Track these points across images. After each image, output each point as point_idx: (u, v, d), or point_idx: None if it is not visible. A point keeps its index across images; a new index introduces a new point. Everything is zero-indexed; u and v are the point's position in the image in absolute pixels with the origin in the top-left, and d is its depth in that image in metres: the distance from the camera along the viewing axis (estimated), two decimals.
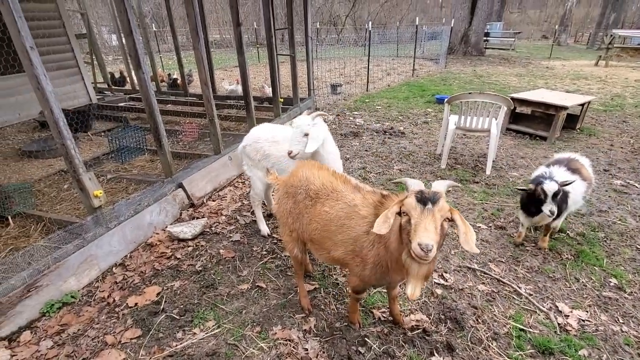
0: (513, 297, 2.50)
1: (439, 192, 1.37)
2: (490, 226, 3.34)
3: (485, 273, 2.73)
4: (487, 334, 2.21)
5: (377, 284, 1.97)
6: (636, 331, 2.25)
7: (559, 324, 2.28)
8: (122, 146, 4.54)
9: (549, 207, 2.56)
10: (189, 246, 3.08)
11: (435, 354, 2.06)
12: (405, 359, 2.03)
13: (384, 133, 5.96)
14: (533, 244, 3.06)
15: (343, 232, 1.84)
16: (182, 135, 5.08)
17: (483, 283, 2.64)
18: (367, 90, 9.32)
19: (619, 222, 3.40)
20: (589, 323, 2.30)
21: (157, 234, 3.21)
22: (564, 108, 5.23)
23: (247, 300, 2.47)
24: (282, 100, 5.89)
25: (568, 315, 2.34)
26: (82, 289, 2.60)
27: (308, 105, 6.89)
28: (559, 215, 2.76)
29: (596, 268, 2.78)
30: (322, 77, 9.89)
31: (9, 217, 3.13)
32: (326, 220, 1.89)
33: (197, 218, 3.45)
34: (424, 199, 1.33)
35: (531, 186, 2.69)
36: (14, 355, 2.08)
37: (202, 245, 3.08)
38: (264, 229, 3.19)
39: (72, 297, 2.50)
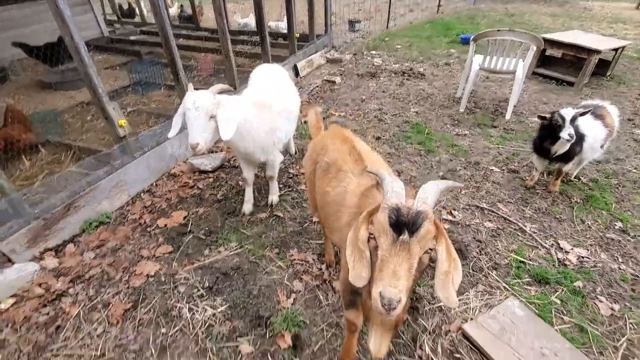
0: (517, 234, 2.62)
1: (424, 212, 0.95)
2: (504, 169, 3.37)
3: (492, 212, 2.84)
4: (488, 264, 2.37)
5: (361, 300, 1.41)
6: (633, 270, 2.37)
7: (558, 258, 2.42)
8: (141, 79, 4.54)
9: (567, 132, 2.52)
10: (209, 177, 3.23)
11: None
12: None
13: (402, 74, 5.75)
14: (544, 188, 3.11)
15: (336, 219, 1.56)
16: (197, 71, 5.01)
17: (490, 220, 2.76)
18: (387, 28, 8.75)
19: (635, 170, 3.38)
20: (588, 260, 2.44)
21: (179, 165, 3.36)
22: (597, 52, 4.88)
23: (265, 227, 2.67)
24: (297, 36, 5.63)
25: (568, 252, 2.47)
26: (115, 211, 2.83)
27: (324, 42, 6.58)
28: (571, 159, 2.76)
29: (603, 212, 2.85)
30: (340, 13, 9.26)
31: (40, 145, 3.30)
32: (327, 201, 1.65)
33: (216, 152, 3.56)
34: (398, 224, 0.94)
35: (548, 115, 2.67)
36: (61, 264, 2.36)
37: (222, 177, 3.24)
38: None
39: (107, 217, 2.73)
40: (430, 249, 0.99)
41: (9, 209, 2.33)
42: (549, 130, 2.67)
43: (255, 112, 2.22)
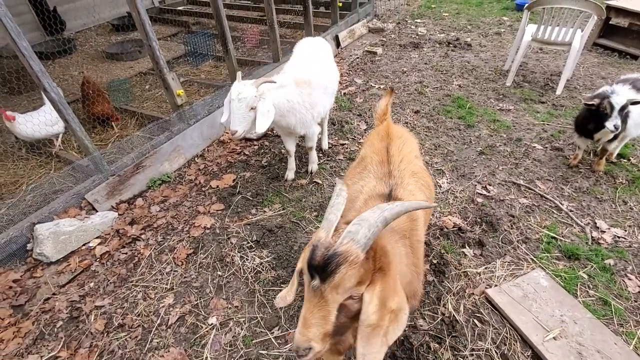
0: (552, 212, 2.65)
1: (343, 254, 0.82)
2: (547, 147, 3.30)
3: (529, 189, 2.85)
4: (518, 237, 2.45)
5: None
6: None
7: (592, 237, 2.44)
8: (194, 50, 4.83)
9: (613, 122, 2.42)
10: (255, 145, 3.50)
11: (467, 246, 2.39)
12: (439, 247, 2.39)
13: (447, 45, 5.54)
14: (588, 167, 3.04)
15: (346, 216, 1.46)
16: (242, 42, 5.19)
17: (525, 197, 2.79)
18: None
19: None
20: (624, 240, 2.44)
21: (227, 133, 3.65)
22: None
23: (305, 192, 2.91)
24: (340, 4, 5.56)
25: (604, 231, 2.48)
26: (174, 172, 3.20)
27: (367, 11, 6.44)
28: (616, 137, 2.66)
29: None
30: None
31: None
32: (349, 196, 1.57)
33: None
34: (312, 267, 0.85)
35: (596, 100, 2.51)
36: (134, 214, 2.77)
37: (266, 145, 3.49)
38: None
39: (168, 177, 3.11)
40: (355, 297, 0.85)
41: (92, 166, 2.75)
42: (595, 115, 2.54)
43: (297, 91, 2.36)
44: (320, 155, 3.31)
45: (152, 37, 2.83)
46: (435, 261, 2.30)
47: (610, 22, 5.19)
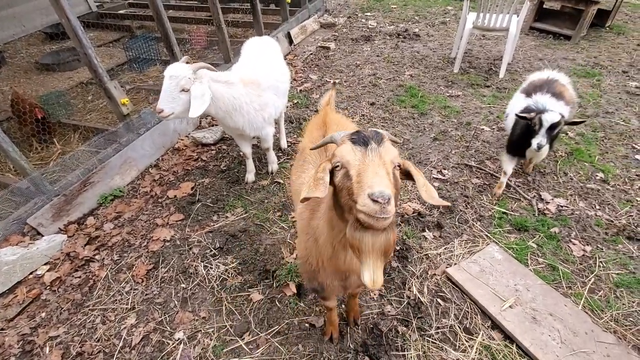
0: (504, 192, 2.81)
1: (382, 132, 1.00)
2: (494, 128, 3.50)
3: (480, 169, 3.01)
4: (473, 216, 2.58)
5: (313, 286, 1.47)
6: (609, 216, 2.57)
7: (538, 208, 2.62)
8: (137, 56, 4.58)
9: (537, 141, 2.26)
10: (212, 150, 3.40)
11: (427, 230, 2.48)
12: (401, 234, 2.46)
13: (397, 36, 5.69)
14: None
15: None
16: (190, 44, 5.01)
17: (477, 177, 2.94)
18: None
19: (622, 123, 3.49)
20: (566, 208, 2.64)
21: (182, 140, 3.52)
22: (595, 2, 4.79)
23: (267, 193, 2.87)
24: (289, 1, 5.53)
25: (549, 202, 2.67)
26: (127, 186, 3.03)
27: (317, 6, 6.44)
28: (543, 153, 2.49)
29: (586, 164, 3.01)
30: None
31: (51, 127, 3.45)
32: (293, 189, 1.62)
33: (216, 125, 3.70)
34: (363, 139, 0.95)
35: (527, 115, 2.32)
36: (85, 234, 2.60)
37: (223, 149, 3.41)
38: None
39: (120, 191, 2.94)
40: (399, 166, 0.99)
41: (32, 187, 2.55)
42: (526, 129, 2.36)
43: (244, 90, 2.30)
44: (280, 154, 3.28)
45: (87, 44, 2.66)
46: (398, 247, 2.37)
47: (543, 6, 5.58)
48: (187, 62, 2.18)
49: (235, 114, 2.34)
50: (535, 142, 2.27)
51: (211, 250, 2.42)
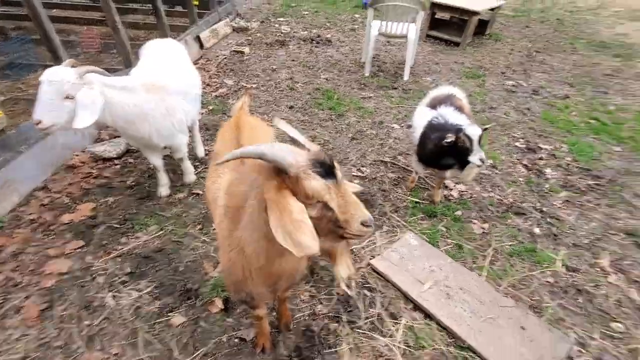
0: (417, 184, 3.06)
1: (330, 154, 1.02)
2: (402, 126, 3.80)
3: (394, 164, 3.24)
4: (390, 208, 2.76)
5: (241, 297, 1.41)
6: (499, 196, 2.98)
7: (444, 195, 2.92)
8: (12, 61, 3.88)
9: (478, 156, 2.19)
10: (116, 164, 3.04)
11: None
12: None
13: (311, 41, 5.83)
14: None
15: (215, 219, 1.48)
16: (81, 47, 4.43)
17: (392, 172, 3.16)
18: None
19: (504, 116, 4.10)
20: (466, 193, 2.99)
21: (77, 155, 3.08)
22: (476, 13, 5.56)
23: (185, 206, 2.67)
24: (196, 3, 5.27)
25: (452, 189, 2.99)
26: (7, 214, 2.53)
27: (228, 10, 6.27)
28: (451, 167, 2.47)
29: None
30: None
31: None
32: (209, 197, 1.59)
33: (118, 137, 3.32)
34: (328, 170, 0.95)
35: (450, 135, 2.24)
36: None
37: (130, 163, 3.08)
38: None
39: (0, 222, 2.45)
40: None
41: None
42: (452, 150, 2.29)
43: (147, 97, 2.10)
44: (198, 164, 3.09)
45: None
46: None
47: (436, 16, 6.28)
48: (73, 66, 1.91)
49: (139, 122, 2.12)
50: (476, 157, 2.20)
51: (120, 277, 2.15)
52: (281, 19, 6.80)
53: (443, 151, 2.35)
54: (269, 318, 1.95)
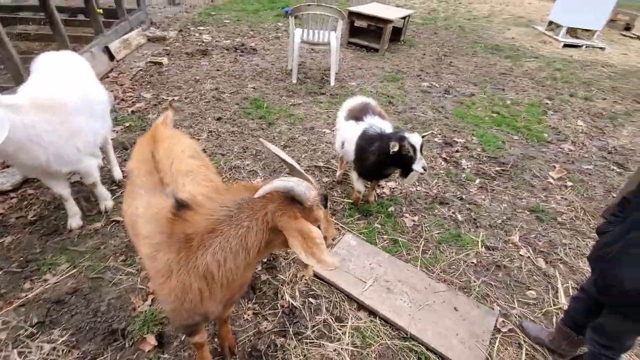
0: (348, 182, 3.15)
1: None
2: (333, 130, 3.89)
3: (328, 168, 3.30)
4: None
5: (194, 321, 1.32)
6: (425, 189, 3.20)
7: (377, 194, 3.05)
8: None
9: (421, 164, 2.25)
10: (11, 198, 2.60)
11: None
12: None
13: (235, 50, 5.71)
14: None
15: (137, 247, 1.36)
16: None
17: (327, 176, 3.21)
18: (212, 1, 8.37)
19: (422, 115, 4.45)
20: (396, 189, 3.16)
21: None
22: (390, 21, 5.98)
23: (103, 236, 2.39)
24: (101, 12, 4.81)
25: (383, 187, 3.14)
26: None
27: (140, 18, 5.85)
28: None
29: None
30: None
31: None
32: (126, 221, 1.46)
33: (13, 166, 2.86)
34: (326, 202, 1.22)
35: (395, 144, 2.22)
36: None
37: (30, 194, 2.65)
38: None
39: None
40: None
41: None
42: (396, 159, 2.31)
43: (41, 117, 1.83)
44: (115, 187, 2.79)
45: None
46: (265, 260, 2.34)
47: (355, 25, 6.60)
48: None
49: (33, 147, 1.83)
50: (419, 165, 2.26)
51: (26, 330, 1.83)
52: (201, 28, 6.55)
53: (386, 161, 2.36)
54: (210, 346, 1.82)
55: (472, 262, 2.52)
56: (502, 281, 2.41)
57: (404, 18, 6.71)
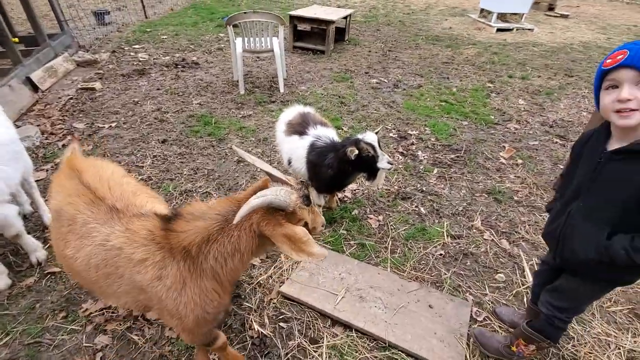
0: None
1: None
2: None
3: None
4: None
5: (217, 321, 1.45)
6: (386, 187, 3.17)
7: (339, 198, 2.97)
8: None
9: (386, 159, 2.19)
10: None
11: None
12: None
13: (175, 66, 5.42)
14: None
15: (115, 282, 1.29)
16: None
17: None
18: (146, 17, 7.94)
19: (375, 111, 4.45)
20: (357, 190, 3.11)
21: None
22: (332, 22, 5.97)
23: (38, 293, 2.10)
24: (16, 40, 4.35)
25: (345, 190, 3.07)
26: None
27: (65, 43, 5.38)
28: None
29: None
30: (79, 4, 7.69)
31: None
32: (77, 269, 1.33)
33: None
34: (308, 199, 1.35)
35: (352, 149, 2.13)
36: None
37: None
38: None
39: None
40: None
41: None
42: (357, 164, 2.22)
43: None
44: (48, 234, 2.48)
45: None
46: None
47: (298, 29, 6.53)
48: None
49: None
50: (384, 162, 2.18)
51: None
52: (137, 46, 6.17)
53: (347, 170, 2.27)
54: None
55: (440, 254, 2.51)
56: (471, 269, 2.42)
57: (345, 18, 6.74)
